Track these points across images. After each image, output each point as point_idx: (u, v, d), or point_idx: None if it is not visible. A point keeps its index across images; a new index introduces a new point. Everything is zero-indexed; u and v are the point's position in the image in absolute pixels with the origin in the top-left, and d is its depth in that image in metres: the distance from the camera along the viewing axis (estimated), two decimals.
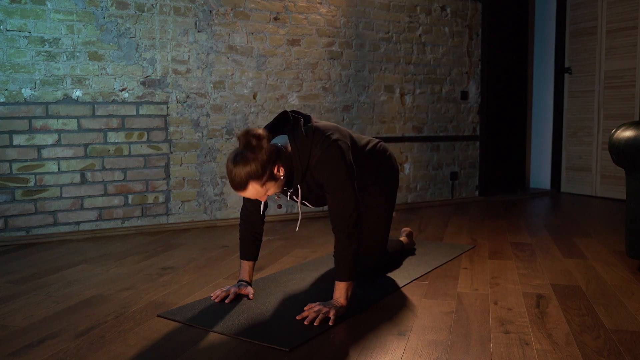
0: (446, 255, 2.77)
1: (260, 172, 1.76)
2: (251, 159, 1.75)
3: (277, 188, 1.87)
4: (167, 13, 3.47)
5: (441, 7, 4.55)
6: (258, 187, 1.79)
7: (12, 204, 3.15)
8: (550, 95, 5.33)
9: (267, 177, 1.79)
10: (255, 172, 1.76)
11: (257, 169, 1.76)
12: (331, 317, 1.81)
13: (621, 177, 4.67)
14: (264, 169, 1.77)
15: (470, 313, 1.93)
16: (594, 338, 1.70)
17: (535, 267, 2.55)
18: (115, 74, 3.36)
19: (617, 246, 2.96)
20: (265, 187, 1.80)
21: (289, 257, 2.78)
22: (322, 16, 4.01)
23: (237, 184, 1.78)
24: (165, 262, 2.70)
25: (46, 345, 1.67)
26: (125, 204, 3.45)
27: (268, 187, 1.81)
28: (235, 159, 1.77)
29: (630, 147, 2.34)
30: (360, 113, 4.22)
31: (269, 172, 1.79)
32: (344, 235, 1.90)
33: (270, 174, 1.80)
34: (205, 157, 3.66)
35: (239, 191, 1.79)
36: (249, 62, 3.75)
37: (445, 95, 4.62)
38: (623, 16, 4.63)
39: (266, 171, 1.78)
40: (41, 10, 3.15)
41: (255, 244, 2.14)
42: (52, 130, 3.22)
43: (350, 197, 1.91)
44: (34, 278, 2.42)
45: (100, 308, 2.01)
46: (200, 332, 1.77)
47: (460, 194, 4.78)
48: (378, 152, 2.33)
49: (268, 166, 1.78)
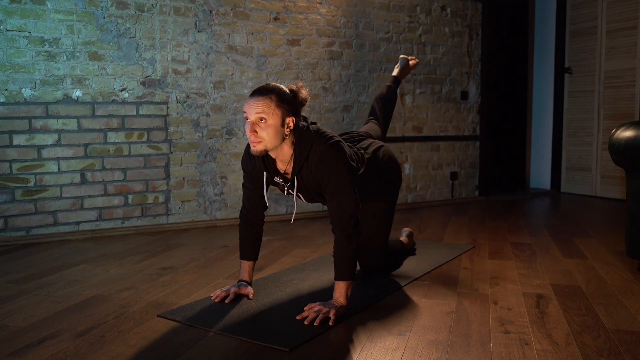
0: (446, 255, 2.77)
1: (284, 94, 1.85)
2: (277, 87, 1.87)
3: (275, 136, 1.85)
4: (167, 13, 3.47)
5: (441, 7, 4.55)
6: (272, 105, 1.83)
7: (12, 204, 3.15)
8: (550, 95, 5.33)
9: (284, 107, 1.84)
10: (281, 91, 1.85)
11: (284, 92, 1.86)
12: (331, 317, 1.82)
13: (621, 177, 4.67)
14: (287, 98, 1.85)
15: (470, 313, 1.93)
16: (594, 338, 1.70)
17: (535, 267, 2.55)
18: (115, 74, 3.36)
19: (617, 246, 2.96)
20: (274, 112, 1.83)
21: (289, 257, 2.78)
22: (322, 16, 4.01)
23: (262, 86, 1.87)
24: (165, 262, 2.70)
25: (46, 345, 1.67)
26: (125, 204, 3.45)
27: (274, 116, 1.83)
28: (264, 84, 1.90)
29: (630, 147, 2.34)
30: (360, 113, 4.22)
31: (287, 105, 1.85)
32: (343, 236, 1.90)
33: (286, 108, 1.85)
34: (205, 157, 3.66)
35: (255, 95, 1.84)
36: (249, 62, 3.75)
37: (445, 95, 4.62)
38: (623, 16, 4.63)
39: (287, 102, 1.85)
40: (41, 10, 3.15)
41: (255, 244, 2.14)
42: (52, 130, 3.22)
43: (351, 197, 1.91)
44: (34, 278, 2.42)
45: (100, 308, 2.01)
46: (200, 332, 1.77)
47: (460, 194, 4.78)
48: (381, 161, 2.31)
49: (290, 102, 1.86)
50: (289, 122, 1.86)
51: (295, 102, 1.88)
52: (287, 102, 1.85)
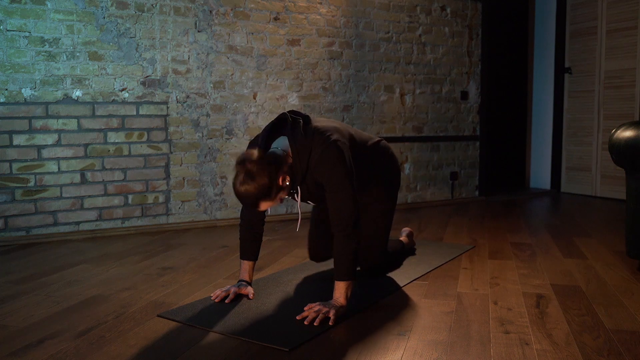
0: (446, 255, 2.77)
1: (267, 191, 1.81)
2: (256, 184, 1.78)
3: (286, 192, 1.91)
4: (167, 13, 3.47)
5: (441, 7, 4.55)
6: (269, 202, 1.85)
7: (12, 204, 3.15)
8: (550, 95, 5.33)
9: (275, 192, 1.84)
10: (264, 193, 1.81)
11: (264, 190, 1.80)
12: (331, 317, 1.82)
13: (621, 177, 4.67)
14: (270, 188, 1.81)
15: (470, 313, 1.93)
16: (594, 338, 1.70)
17: (535, 267, 2.55)
18: (115, 74, 3.36)
19: (617, 246, 2.96)
20: (276, 198, 1.86)
21: (289, 257, 2.78)
22: (322, 16, 4.01)
23: (249, 205, 1.85)
24: (165, 262, 2.70)
25: (46, 345, 1.67)
26: (125, 204, 3.45)
27: (278, 197, 1.87)
28: (241, 184, 1.79)
29: (630, 147, 2.34)
30: (360, 113, 4.22)
31: (275, 188, 1.83)
32: (343, 235, 1.90)
33: (277, 189, 1.84)
34: (205, 157, 3.66)
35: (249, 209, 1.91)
36: (249, 62, 3.75)
37: (445, 95, 4.62)
38: (623, 16, 4.63)
39: (273, 189, 1.82)
40: (41, 10, 3.15)
41: (255, 244, 2.14)
42: (52, 130, 3.22)
43: (350, 197, 1.91)
44: (34, 278, 2.42)
45: (100, 308, 2.01)
46: (200, 332, 1.77)
47: (460, 194, 4.78)
48: (380, 150, 2.33)
49: (274, 184, 1.82)
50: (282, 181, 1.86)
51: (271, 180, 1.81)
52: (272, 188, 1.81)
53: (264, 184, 1.79)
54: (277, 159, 1.86)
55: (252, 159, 1.80)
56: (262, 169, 1.79)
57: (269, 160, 1.83)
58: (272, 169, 1.82)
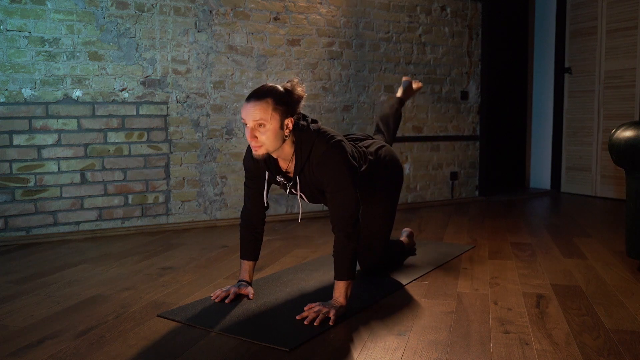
0: (446, 255, 2.77)
1: (280, 96, 1.84)
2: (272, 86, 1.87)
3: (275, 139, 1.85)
4: (167, 13, 3.47)
5: (441, 7, 4.55)
6: (268, 109, 1.82)
7: (12, 204, 3.15)
8: (550, 95, 5.33)
9: (281, 109, 1.84)
10: (277, 94, 1.84)
11: (280, 92, 1.85)
12: (331, 317, 1.82)
13: (621, 177, 4.67)
14: (283, 99, 1.84)
15: (470, 313, 1.93)
16: (594, 338, 1.70)
17: (535, 267, 2.55)
18: (115, 74, 3.36)
19: (617, 246, 2.96)
20: (272, 117, 1.82)
21: (289, 257, 2.78)
22: (322, 16, 4.01)
23: (257, 90, 1.86)
24: (165, 262, 2.70)
25: (46, 345, 1.67)
26: (125, 204, 3.45)
27: (273, 120, 1.83)
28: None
29: (630, 147, 2.34)
30: (360, 113, 4.22)
31: (284, 107, 1.84)
32: (343, 235, 1.90)
33: (284, 110, 1.84)
34: (205, 157, 3.66)
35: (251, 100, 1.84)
36: (249, 62, 3.75)
37: (445, 95, 4.62)
38: (623, 16, 4.63)
39: (284, 103, 1.84)
40: (41, 10, 3.15)
41: (255, 244, 2.14)
42: (52, 130, 3.22)
43: (351, 197, 1.91)
44: (34, 278, 2.42)
45: (100, 308, 2.01)
46: (200, 332, 1.77)
47: (460, 194, 4.78)
48: (383, 160, 2.31)
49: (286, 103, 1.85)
50: (287, 123, 1.86)
51: (291, 102, 1.88)
52: (284, 104, 1.85)
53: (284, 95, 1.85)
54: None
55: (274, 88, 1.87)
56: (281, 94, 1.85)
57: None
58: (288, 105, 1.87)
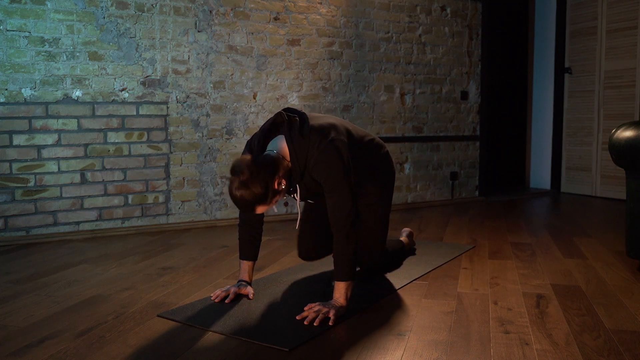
0: (446, 255, 2.77)
1: (263, 197, 1.80)
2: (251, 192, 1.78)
3: (283, 195, 1.91)
4: (167, 13, 3.47)
5: (441, 7, 4.55)
6: (266, 206, 1.85)
7: (12, 204, 3.15)
8: (550, 95, 5.33)
9: (271, 197, 1.83)
10: (259, 199, 1.80)
11: (260, 197, 1.80)
12: (331, 317, 1.82)
13: (621, 177, 4.67)
14: (265, 194, 1.80)
15: (470, 313, 1.93)
16: (594, 338, 1.70)
17: (535, 267, 2.55)
18: (115, 74, 3.36)
19: (617, 246, 2.96)
20: (273, 202, 1.85)
21: (289, 257, 2.78)
22: (322, 16, 4.01)
23: (245, 210, 1.85)
24: (165, 262, 2.70)
25: (46, 345, 1.67)
26: (125, 204, 3.45)
27: (274, 200, 1.86)
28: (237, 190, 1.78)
29: (630, 147, 2.34)
30: (360, 113, 4.22)
31: (271, 193, 1.82)
32: (342, 235, 1.90)
33: (273, 193, 1.83)
34: (205, 157, 3.66)
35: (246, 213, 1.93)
36: (249, 62, 3.75)
37: (445, 95, 4.62)
38: (623, 16, 4.63)
39: (268, 194, 1.81)
40: (41, 10, 3.15)
41: (254, 244, 2.14)
42: (52, 130, 3.22)
43: (348, 196, 1.91)
44: (34, 278, 2.42)
45: (100, 308, 2.01)
46: (200, 332, 1.77)
47: (460, 194, 4.78)
48: (375, 147, 2.31)
49: (269, 189, 1.81)
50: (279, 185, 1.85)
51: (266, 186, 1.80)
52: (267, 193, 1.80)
53: (259, 192, 1.78)
54: (272, 163, 1.84)
55: (245, 168, 1.77)
56: (256, 177, 1.77)
57: (264, 166, 1.81)
58: (267, 175, 1.80)
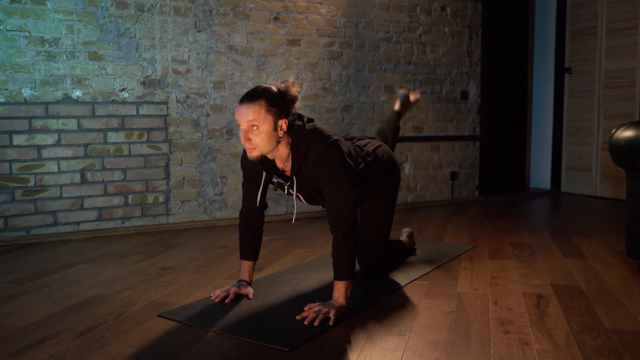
0: (446, 255, 2.77)
1: (273, 97, 1.83)
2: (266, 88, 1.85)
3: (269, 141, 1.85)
4: (167, 13, 3.47)
5: (441, 7, 4.55)
6: (261, 110, 1.82)
7: (12, 204, 3.15)
8: (550, 95, 5.33)
9: (275, 111, 1.83)
10: (270, 95, 1.83)
11: (273, 93, 1.84)
12: (331, 317, 1.82)
13: (621, 177, 4.67)
14: (277, 100, 1.84)
15: (470, 313, 1.93)
16: (594, 338, 1.70)
17: (535, 267, 2.55)
18: (115, 74, 3.36)
19: (617, 246, 2.96)
20: (265, 118, 1.82)
21: (289, 257, 2.78)
22: (322, 16, 4.01)
23: (250, 92, 1.85)
24: (165, 262, 2.70)
25: (46, 345, 1.67)
26: (125, 204, 3.45)
27: (266, 122, 1.82)
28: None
29: (630, 147, 2.34)
30: (360, 113, 4.22)
31: (277, 108, 1.84)
32: (342, 235, 1.90)
33: (277, 112, 1.84)
34: (205, 157, 3.66)
35: (244, 102, 1.83)
36: (249, 62, 3.75)
37: (445, 95, 4.62)
38: (623, 16, 4.63)
39: (277, 105, 1.84)
40: (41, 10, 3.15)
41: (255, 244, 2.14)
42: (52, 130, 3.22)
43: (348, 197, 1.91)
44: (34, 278, 2.42)
45: (100, 308, 2.01)
46: (200, 332, 1.77)
47: (460, 194, 4.78)
48: (380, 160, 2.31)
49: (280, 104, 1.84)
50: (281, 124, 1.86)
51: (285, 102, 1.87)
52: (278, 105, 1.84)
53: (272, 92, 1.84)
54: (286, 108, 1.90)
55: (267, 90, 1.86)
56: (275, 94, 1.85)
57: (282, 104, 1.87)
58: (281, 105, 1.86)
